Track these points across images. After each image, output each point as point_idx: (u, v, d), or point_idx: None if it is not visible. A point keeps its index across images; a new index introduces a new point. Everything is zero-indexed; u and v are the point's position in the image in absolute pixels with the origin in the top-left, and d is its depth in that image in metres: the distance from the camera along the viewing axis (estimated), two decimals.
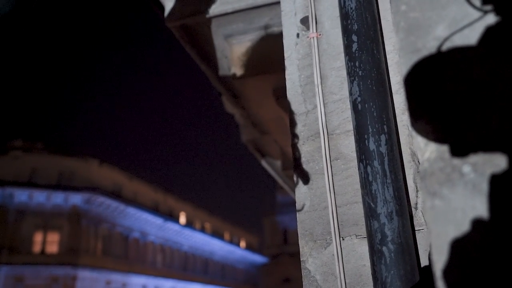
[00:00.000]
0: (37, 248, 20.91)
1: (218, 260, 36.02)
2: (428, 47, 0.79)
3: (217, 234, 35.70)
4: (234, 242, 38.70)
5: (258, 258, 39.17)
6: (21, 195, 20.77)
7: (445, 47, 0.77)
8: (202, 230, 33.92)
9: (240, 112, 4.22)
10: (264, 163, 5.18)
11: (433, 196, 0.67)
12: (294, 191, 1.56)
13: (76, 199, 21.90)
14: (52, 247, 21.37)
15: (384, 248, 1.19)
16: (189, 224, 32.14)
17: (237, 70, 3.19)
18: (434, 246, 0.65)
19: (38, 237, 21.06)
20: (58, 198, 21.61)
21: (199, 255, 33.64)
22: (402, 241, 1.18)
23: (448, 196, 0.66)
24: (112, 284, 23.41)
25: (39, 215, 20.96)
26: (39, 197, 21.17)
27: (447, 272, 0.61)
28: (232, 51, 3.24)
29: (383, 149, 1.28)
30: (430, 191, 0.68)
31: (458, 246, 0.62)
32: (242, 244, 40.64)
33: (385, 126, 1.30)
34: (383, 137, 1.29)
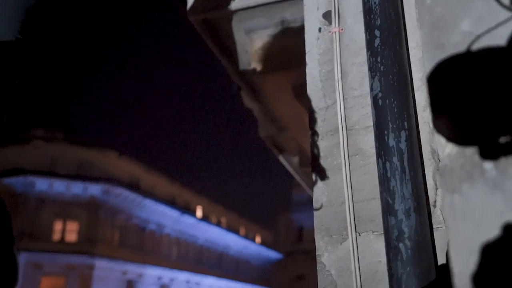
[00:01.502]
0: (56, 236, 21.36)
1: (232, 254, 36.21)
2: (452, 42, 0.78)
3: (232, 229, 35.87)
4: (249, 237, 38.84)
5: (272, 254, 39.24)
6: (41, 184, 21.20)
7: (472, 45, 0.76)
8: (218, 224, 34.12)
9: (258, 107, 4.23)
10: (281, 159, 5.17)
11: (452, 192, 0.67)
12: (311, 188, 1.56)
13: (94, 189, 22.26)
14: (71, 236, 21.80)
15: (400, 245, 1.18)
16: (205, 218, 32.37)
17: (257, 65, 3.20)
18: (452, 243, 0.65)
19: (57, 226, 21.51)
20: (77, 188, 22.00)
21: (214, 249, 33.87)
22: (419, 239, 1.18)
23: (468, 193, 0.65)
24: (128, 275, 23.77)
25: (59, 204, 21.37)
26: (58, 186, 21.59)
27: (465, 269, 0.61)
28: (253, 46, 3.25)
29: (402, 145, 1.27)
30: (449, 187, 0.67)
31: (477, 244, 0.61)
32: (257, 239, 40.77)
33: (405, 123, 1.29)
34: (403, 134, 1.28)
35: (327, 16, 1.59)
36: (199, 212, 32.65)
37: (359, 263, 1.34)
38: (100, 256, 21.61)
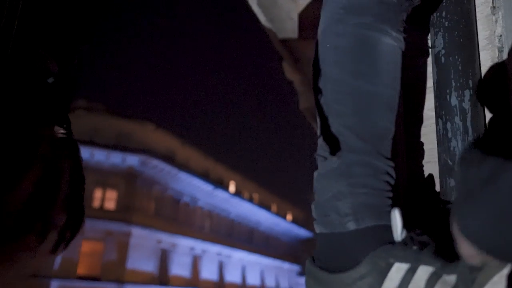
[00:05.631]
0: (96, 203, 22.20)
1: (263, 230, 36.64)
2: None
3: (264, 205, 36.19)
4: (281, 214, 39.12)
5: (302, 232, 39.45)
6: (83, 153, 21.77)
7: None
8: (250, 200, 34.49)
9: (300, 78, 4.16)
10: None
11: None
12: None
13: (132, 160, 22.88)
14: (110, 204, 22.61)
15: None
16: (238, 194, 32.76)
17: (302, 32, 3.12)
18: None
19: (97, 193, 22.33)
20: (116, 158, 22.67)
21: (245, 224, 34.35)
22: None
23: None
24: (162, 244, 24.53)
25: (99, 173, 22.12)
26: (99, 155, 22.31)
27: None
28: (299, 11, 3.17)
29: (466, 104, 1.20)
30: None
31: None
32: (288, 217, 41.01)
33: (470, 81, 1.22)
34: (467, 92, 1.21)
35: None
36: (232, 187, 33.06)
37: None
38: (136, 225, 22.36)
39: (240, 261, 32.50)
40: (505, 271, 0.67)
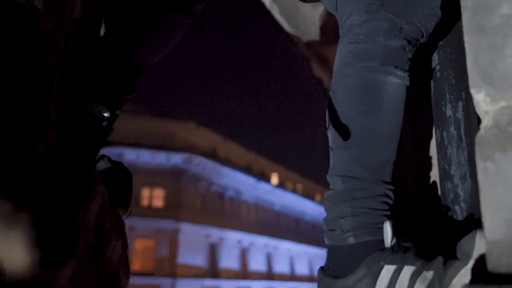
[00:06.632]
0: (145, 202, 23.09)
1: (308, 220, 36.69)
2: (492, 25, 0.86)
3: (308, 195, 36.18)
4: None
5: None
6: (130, 154, 22.85)
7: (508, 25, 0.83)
8: (293, 191, 34.59)
9: (329, 77, 4.25)
10: None
11: (485, 160, 0.77)
12: None
13: (176, 159, 23.57)
14: (158, 202, 23.45)
15: (456, 207, 1.28)
16: (281, 185, 32.94)
17: (324, 36, 3.23)
18: (483, 203, 0.76)
19: (145, 192, 23.21)
20: (161, 158, 23.42)
21: (290, 215, 34.52)
22: (473, 201, 1.27)
23: (500, 160, 0.75)
24: (210, 238, 25.18)
25: (146, 173, 22.95)
26: (145, 156, 23.14)
27: (494, 224, 0.73)
28: (321, 17, 3.29)
29: (459, 115, 1.34)
30: (483, 155, 0.78)
31: (506, 203, 0.73)
32: None
33: (463, 93, 1.36)
34: (460, 104, 1.35)
35: None
36: (274, 179, 33.28)
37: None
38: (185, 221, 23.07)
39: (288, 252, 32.78)
40: (469, 266, 0.85)
